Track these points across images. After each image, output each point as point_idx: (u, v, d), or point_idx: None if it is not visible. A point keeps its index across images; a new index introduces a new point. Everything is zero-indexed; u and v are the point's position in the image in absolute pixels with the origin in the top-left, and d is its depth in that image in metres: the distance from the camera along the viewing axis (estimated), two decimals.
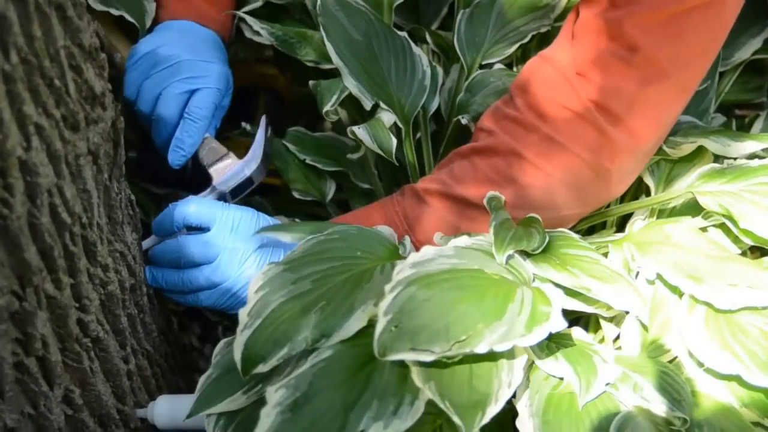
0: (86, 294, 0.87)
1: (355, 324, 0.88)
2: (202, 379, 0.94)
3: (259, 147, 1.28)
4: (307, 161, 1.40)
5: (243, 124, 1.41)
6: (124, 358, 1.01)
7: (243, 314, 0.88)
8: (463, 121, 1.30)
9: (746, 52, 1.46)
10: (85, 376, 0.91)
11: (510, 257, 0.96)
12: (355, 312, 0.89)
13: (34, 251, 0.75)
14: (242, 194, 1.27)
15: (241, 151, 1.32)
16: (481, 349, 0.82)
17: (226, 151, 1.27)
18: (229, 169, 1.26)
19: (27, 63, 0.69)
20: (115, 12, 1.29)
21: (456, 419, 0.82)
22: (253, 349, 0.86)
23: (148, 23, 1.33)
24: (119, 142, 0.96)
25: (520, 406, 0.90)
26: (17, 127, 0.68)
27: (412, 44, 1.35)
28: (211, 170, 1.26)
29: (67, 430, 0.91)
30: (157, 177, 1.54)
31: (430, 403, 0.86)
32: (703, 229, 1.11)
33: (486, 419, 0.84)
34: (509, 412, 0.99)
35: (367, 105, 1.27)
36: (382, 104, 1.27)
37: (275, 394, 0.83)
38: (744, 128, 1.48)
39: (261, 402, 0.83)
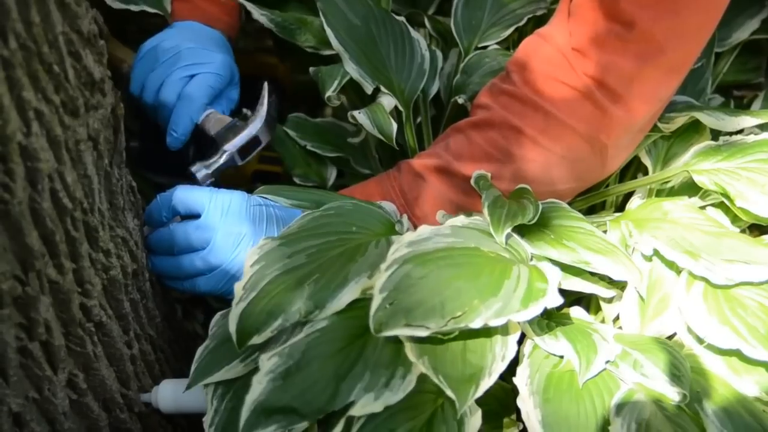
0: (88, 279, 0.88)
1: (348, 295, 0.89)
2: (199, 350, 0.95)
3: (263, 107, 1.28)
4: (308, 147, 1.41)
5: (244, 110, 1.42)
6: (128, 343, 1.01)
7: (238, 287, 0.89)
8: (460, 101, 1.30)
9: (744, 32, 1.46)
10: (88, 360, 0.92)
11: (509, 236, 0.96)
12: (349, 284, 0.89)
13: (36, 236, 0.76)
14: (251, 154, 1.27)
15: None
16: (476, 324, 0.83)
17: (230, 118, 1.28)
18: (234, 132, 1.26)
19: (26, 49, 0.69)
20: (135, 8, 1.30)
21: (449, 392, 0.83)
22: (247, 321, 0.87)
23: (168, 9, 1.35)
24: (119, 128, 0.97)
25: (521, 384, 0.91)
26: (17, 113, 0.69)
27: (411, 29, 1.35)
28: (218, 137, 1.26)
29: (71, 415, 0.92)
30: (160, 166, 1.54)
31: (431, 382, 0.86)
32: (702, 209, 1.11)
33: (479, 392, 0.85)
34: (511, 392, 1.00)
35: (368, 89, 1.27)
36: (382, 88, 1.27)
37: (268, 362, 0.85)
38: (742, 108, 1.48)
39: (257, 370, 0.85)
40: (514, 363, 0.93)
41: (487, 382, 0.86)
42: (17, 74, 0.68)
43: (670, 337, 1.01)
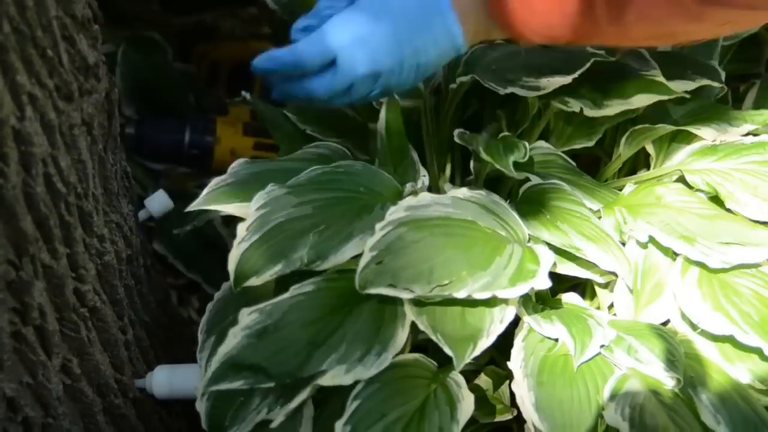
0: (82, 264, 0.88)
1: (351, 250, 0.89)
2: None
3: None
4: (308, 131, 1.40)
5: (243, 93, 1.41)
6: (122, 329, 1.01)
7: (241, 228, 0.89)
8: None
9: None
10: (82, 345, 0.92)
11: (452, 156, 1.01)
12: (353, 239, 0.90)
13: (30, 221, 0.76)
14: None
15: (240, 119, 1.39)
16: (461, 294, 0.85)
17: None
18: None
19: (19, 33, 0.69)
20: None
21: (447, 350, 0.85)
22: (247, 262, 0.87)
23: None
24: (114, 113, 0.97)
25: (515, 367, 0.91)
26: (11, 97, 0.69)
27: None
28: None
29: (65, 400, 0.92)
30: (155, 153, 1.55)
31: (422, 367, 0.87)
32: None
33: (477, 352, 0.87)
34: (505, 378, 1.01)
35: None
36: None
37: (247, 317, 0.86)
38: (738, 98, 1.47)
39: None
40: (509, 347, 0.93)
41: (485, 342, 0.87)
42: (11, 58, 0.68)
43: (664, 324, 1.01)
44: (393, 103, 1.10)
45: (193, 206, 0.97)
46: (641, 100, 1.10)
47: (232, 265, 0.87)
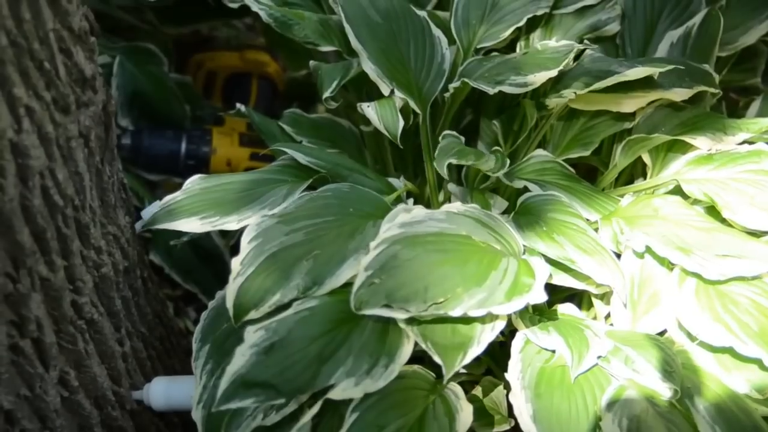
0: (80, 276, 0.88)
1: (347, 272, 0.89)
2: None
3: None
4: (304, 143, 1.39)
5: (238, 105, 1.41)
6: (119, 341, 1.01)
7: (236, 263, 0.89)
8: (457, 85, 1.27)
9: (752, 37, 1.44)
10: (80, 358, 0.92)
11: (449, 166, 1.02)
12: (348, 260, 0.90)
13: (27, 233, 0.76)
14: None
15: (236, 129, 1.37)
16: (456, 312, 0.84)
17: None
18: None
19: (16, 45, 0.69)
20: None
21: (437, 358, 0.85)
22: (245, 296, 0.87)
23: None
24: (110, 125, 0.97)
25: (513, 379, 0.91)
26: (8, 110, 0.69)
27: (432, 25, 1.31)
28: None
29: (63, 412, 0.92)
30: (151, 164, 1.55)
31: (421, 378, 0.87)
32: None
33: (467, 360, 0.86)
34: (503, 389, 1.00)
35: (386, 90, 1.22)
36: (396, 90, 1.22)
37: (254, 335, 0.85)
38: (738, 111, 1.47)
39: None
40: (506, 358, 0.93)
41: (475, 350, 0.87)
42: (8, 71, 0.68)
43: (660, 334, 1.01)
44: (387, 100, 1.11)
45: (142, 224, 1.03)
46: (637, 73, 1.08)
47: (230, 301, 0.87)
